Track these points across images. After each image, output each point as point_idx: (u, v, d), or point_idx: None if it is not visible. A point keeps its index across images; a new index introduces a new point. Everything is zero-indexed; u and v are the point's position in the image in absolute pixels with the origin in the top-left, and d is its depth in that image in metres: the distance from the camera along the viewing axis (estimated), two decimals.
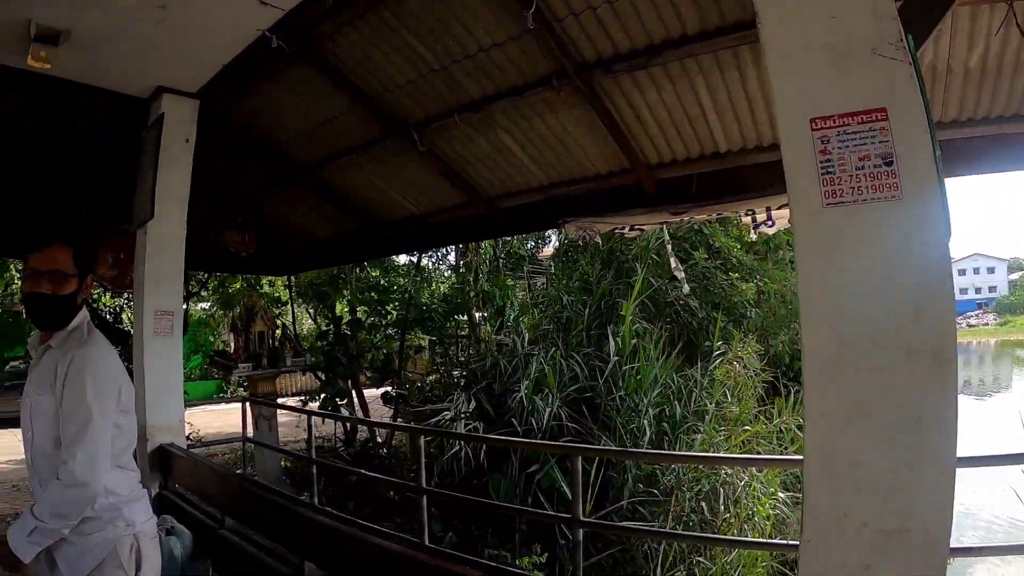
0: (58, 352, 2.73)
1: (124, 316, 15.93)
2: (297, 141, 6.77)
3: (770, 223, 5.23)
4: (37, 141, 6.64)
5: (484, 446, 8.50)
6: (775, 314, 11.80)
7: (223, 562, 4.19)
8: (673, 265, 6.74)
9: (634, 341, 8.88)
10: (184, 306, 6.19)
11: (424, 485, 5.13)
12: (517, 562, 7.72)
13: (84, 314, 2.87)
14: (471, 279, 11.41)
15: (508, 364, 9.25)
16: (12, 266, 16.16)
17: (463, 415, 8.99)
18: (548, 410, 8.33)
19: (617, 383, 8.59)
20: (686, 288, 8.64)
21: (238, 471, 10.01)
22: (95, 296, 16.67)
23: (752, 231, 5.50)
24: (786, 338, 11.61)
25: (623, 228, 5.90)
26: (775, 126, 4.35)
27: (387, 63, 5.25)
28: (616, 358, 8.58)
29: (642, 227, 5.93)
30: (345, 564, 3.40)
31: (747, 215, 5.28)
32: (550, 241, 14.43)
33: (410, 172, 6.52)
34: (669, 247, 6.91)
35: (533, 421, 8.34)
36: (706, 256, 11.01)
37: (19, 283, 17.24)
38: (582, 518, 4.50)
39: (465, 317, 13.05)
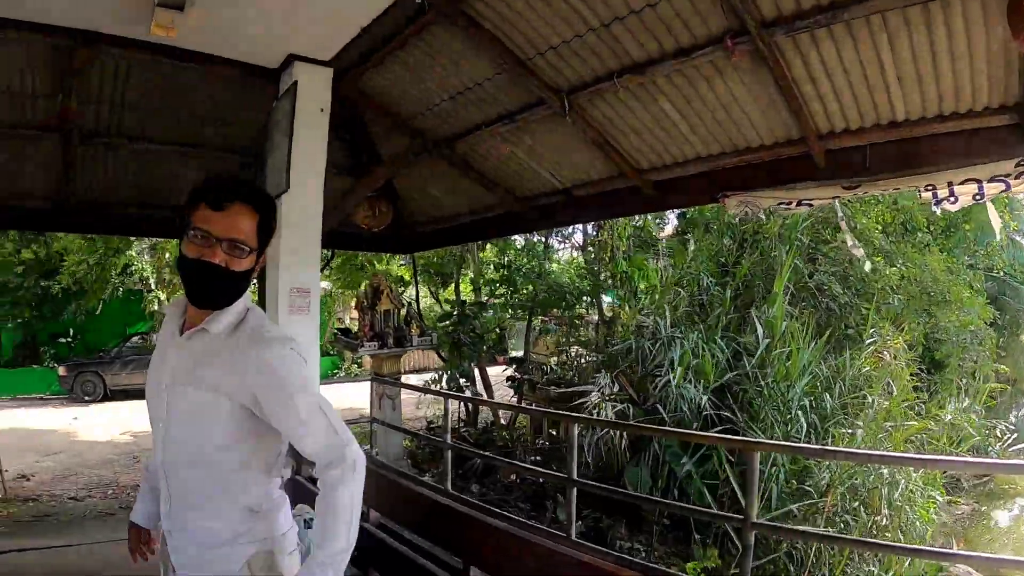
0: (220, 342, 2.23)
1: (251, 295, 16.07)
2: (433, 113, 6.39)
3: (952, 199, 4.51)
4: (164, 117, 6.56)
5: (624, 433, 8.06)
6: (912, 300, 10.92)
7: (367, 558, 3.84)
8: (850, 243, 6.09)
9: (784, 324, 8.26)
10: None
11: (574, 476, 4.71)
12: (653, 554, 7.37)
13: (247, 297, 2.37)
14: (605, 258, 10.87)
15: (651, 347, 8.69)
16: (134, 244, 16.47)
17: (609, 398, 8.54)
18: (698, 397, 7.84)
19: (764, 370, 8.03)
20: (868, 265, 7.93)
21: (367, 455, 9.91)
22: None
23: (933, 206, 4.83)
24: (922, 326, 10.79)
25: (789, 203, 5.23)
26: (961, 93, 3.99)
27: (540, 21, 4.76)
28: (767, 341, 7.97)
29: (811, 202, 5.27)
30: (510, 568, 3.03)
31: (927, 190, 4.56)
32: (668, 221, 13.90)
33: (556, 143, 6.05)
34: (844, 223, 6.27)
35: (685, 408, 7.83)
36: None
37: (139, 265, 17.54)
38: (755, 520, 4.09)
39: (590, 299, 12.62)
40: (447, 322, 11.80)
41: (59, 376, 19.68)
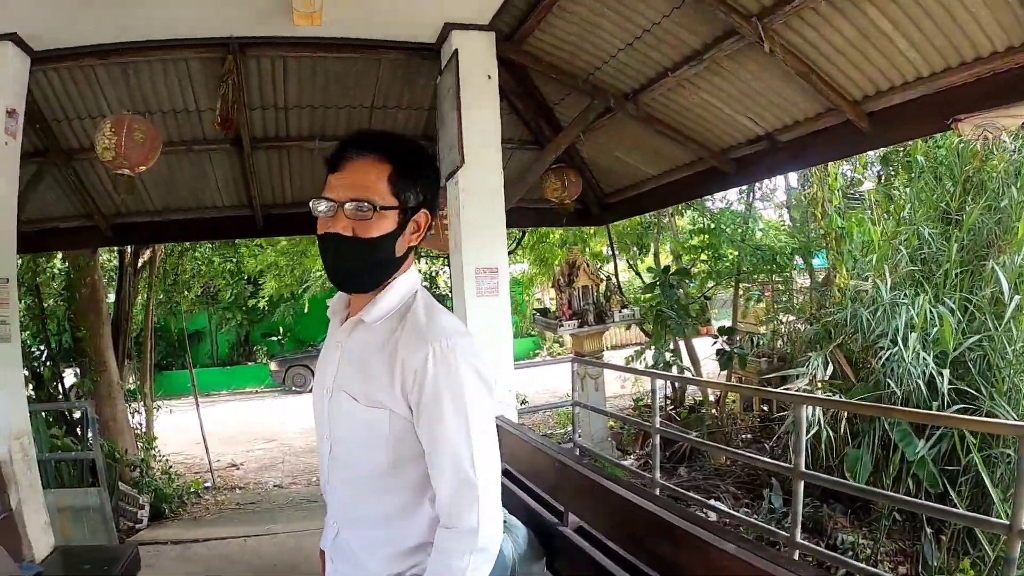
0: (382, 337, 1.79)
1: (440, 280, 16.10)
2: (610, 67, 5.83)
3: None
4: (329, 113, 6.66)
5: (845, 415, 7.21)
6: None
7: (565, 569, 3.38)
8: None
9: None
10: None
11: (802, 467, 4.04)
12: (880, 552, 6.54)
13: (413, 278, 1.90)
14: (817, 214, 9.82)
15: (871, 315, 7.71)
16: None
17: (820, 383, 7.69)
18: (931, 370, 6.84)
19: (1009, 333, 6.84)
20: None
21: (568, 441, 9.63)
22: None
23: None
24: None
25: None
26: None
27: None
28: (1018, 299, 6.80)
29: None
30: None
31: None
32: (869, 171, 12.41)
33: (751, 80, 5.28)
34: None
35: (917, 383, 6.86)
36: None
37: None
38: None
39: (799, 262, 11.61)
40: (652, 293, 11.16)
41: (271, 371, 21.60)
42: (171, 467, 9.98)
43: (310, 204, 1.77)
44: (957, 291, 7.42)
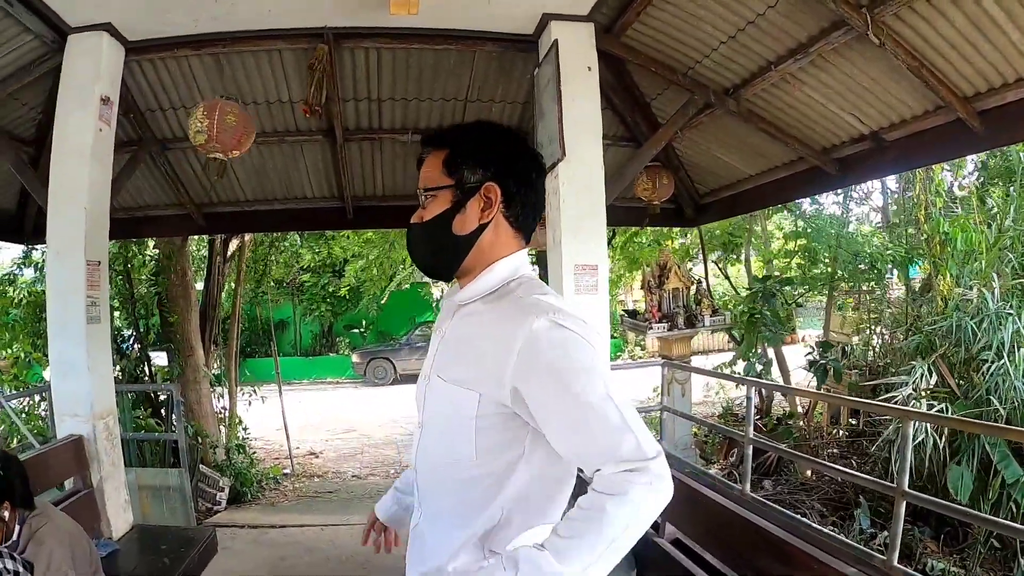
0: (476, 319, 1.77)
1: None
2: (712, 60, 5.71)
3: None
4: (422, 106, 6.74)
5: (945, 431, 6.87)
6: None
7: None
8: None
9: None
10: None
11: (905, 487, 3.82)
12: None
13: (517, 262, 1.82)
14: (921, 217, 9.43)
15: (976, 325, 7.36)
16: None
17: (925, 392, 7.36)
18: None
19: None
20: None
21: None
22: None
23: None
24: None
25: None
26: None
27: None
28: None
29: None
30: None
31: None
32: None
33: (857, 75, 5.11)
34: None
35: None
36: None
37: None
38: None
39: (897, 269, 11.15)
40: (752, 304, 10.96)
41: (353, 363, 22.12)
42: (253, 452, 10.16)
43: None
44: None
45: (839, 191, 11.91)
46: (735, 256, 14.76)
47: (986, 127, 4.75)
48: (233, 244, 10.93)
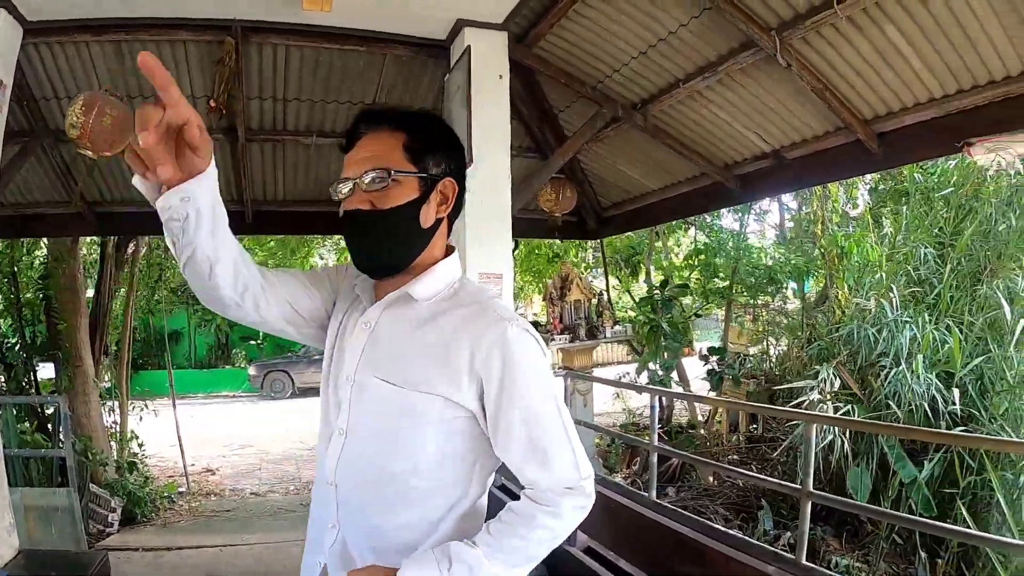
0: (428, 319, 1.66)
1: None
2: (622, 75, 5.76)
3: None
4: (329, 108, 6.51)
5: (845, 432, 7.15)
6: None
7: None
8: None
9: None
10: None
11: (810, 488, 3.93)
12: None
13: (456, 265, 1.81)
14: (818, 232, 9.84)
15: (875, 334, 7.70)
16: (315, 245, 16.70)
17: (830, 395, 7.65)
18: (933, 389, 6.83)
19: (1009, 358, 6.87)
20: None
21: None
22: None
23: None
24: None
25: None
26: None
27: None
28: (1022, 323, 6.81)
29: None
30: None
31: None
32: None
33: (763, 95, 5.26)
34: None
35: (926, 407, 6.87)
36: None
37: (322, 263, 17.90)
38: None
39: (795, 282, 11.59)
40: (647, 307, 11.08)
41: (249, 375, 21.40)
42: (146, 469, 9.74)
43: (330, 190, 1.67)
44: (956, 313, 7.52)
45: (739, 207, 12.26)
46: (637, 273, 15.02)
47: (884, 148, 4.96)
48: (128, 248, 10.43)
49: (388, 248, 1.65)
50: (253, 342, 24.68)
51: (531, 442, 1.57)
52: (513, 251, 10.87)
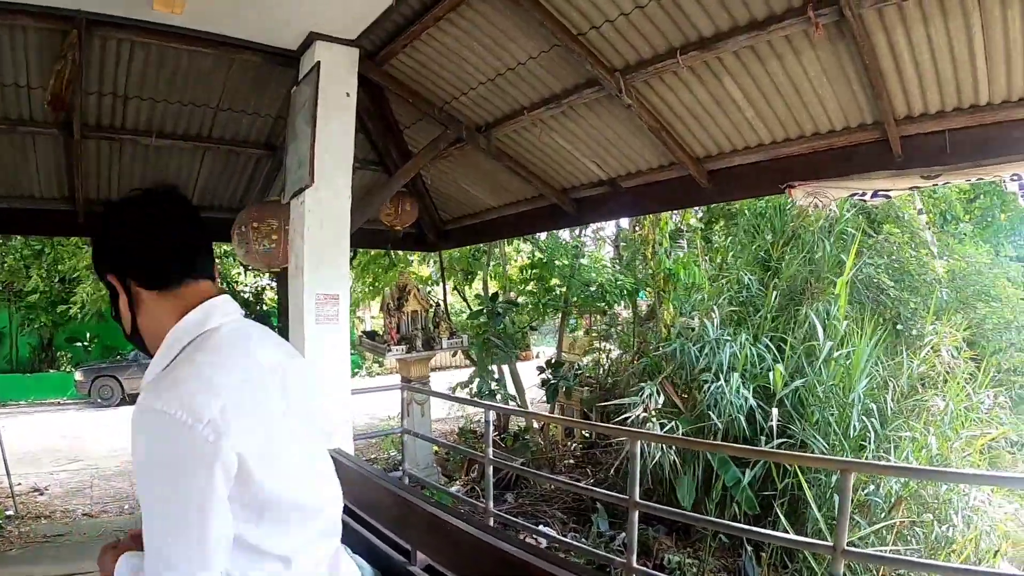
0: None
1: (268, 296, 15.46)
2: (469, 99, 5.88)
3: None
4: (172, 109, 6.18)
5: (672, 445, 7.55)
6: (960, 294, 10.16)
7: None
8: (929, 239, 5.61)
9: (845, 324, 7.69)
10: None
11: (636, 498, 4.20)
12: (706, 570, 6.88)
13: (182, 327, 1.64)
14: (647, 253, 10.34)
15: (698, 351, 8.16)
16: None
17: (654, 412, 8.02)
18: (749, 404, 7.41)
19: (819, 373, 7.50)
20: (939, 265, 7.44)
21: (395, 468, 9.52)
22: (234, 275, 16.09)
23: (1021, 197, 4.47)
24: (968, 321, 9.85)
25: (863, 194, 4.83)
26: None
27: None
28: (829, 343, 7.45)
29: (887, 193, 4.88)
30: None
31: (1013, 179, 4.29)
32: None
33: (603, 129, 5.54)
34: (923, 218, 5.75)
35: (737, 415, 7.36)
36: (896, 230, 9.59)
37: None
38: (845, 547, 3.69)
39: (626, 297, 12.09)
40: (478, 320, 11.30)
41: (76, 381, 19.74)
42: None
43: None
44: (776, 332, 8.08)
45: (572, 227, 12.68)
46: (471, 280, 15.19)
47: (714, 184, 5.38)
48: None
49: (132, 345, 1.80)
50: (79, 344, 22.70)
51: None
52: (351, 259, 10.84)
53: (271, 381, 1.64)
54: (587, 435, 11.03)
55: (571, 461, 10.42)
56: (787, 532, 6.23)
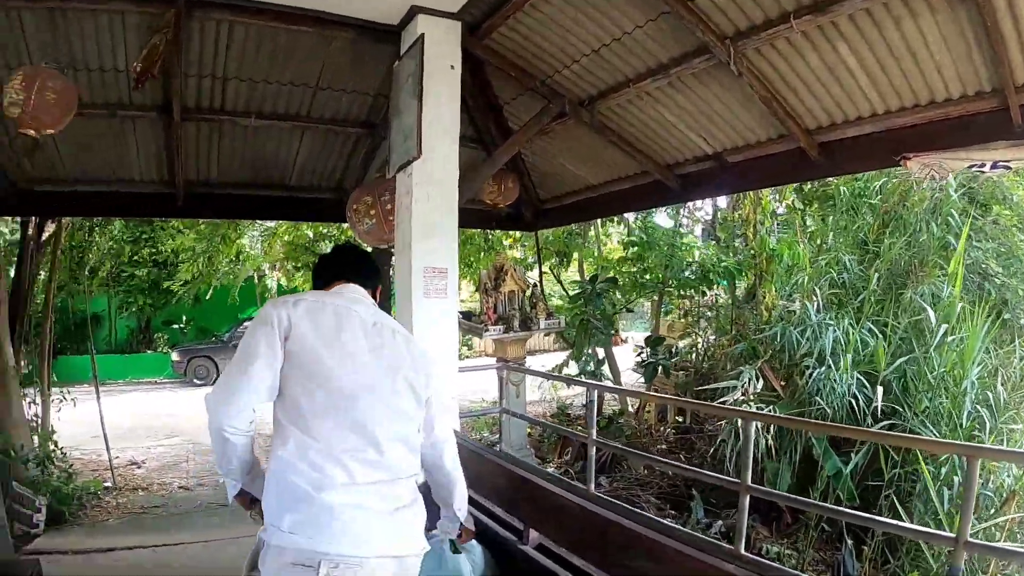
0: None
1: None
2: (572, 71, 5.78)
3: None
4: (271, 89, 6.30)
5: (770, 427, 7.30)
6: None
7: None
8: None
9: (960, 307, 7.30)
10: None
11: (748, 482, 4.03)
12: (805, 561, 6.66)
13: None
14: (749, 234, 10.07)
15: (799, 335, 7.89)
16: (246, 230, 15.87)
17: (753, 396, 7.81)
18: (853, 388, 7.11)
19: (930, 359, 7.10)
20: None
21: (495, 446, 9.52)
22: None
23: None
24: None
25: (983, 165, 4.60)
26: None
27: None
28: (944, 327, 7.06)
29: (1008, 163, 4.57)
30: None
31: None
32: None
33: (711, 101, 5.37)
34: None
35: (854, 403, 7.06)
36: (1007, 211, 9.01)
37: (250, 252, 17.02)
38: (969, 538, 3.28)
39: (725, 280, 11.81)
40: (577, 303, 11.19)
41: (173, 361, 20.55)
42: (70, 464, 9.22)
43: None
44: (879, 316, 7.75)
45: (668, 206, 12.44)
46: (567, 263, 15.08)
47: (825, 157, 5.14)
48: (49, 229, 9.81)
49: None
50: (176, 326, 23.59)
51: None
52: None
53: (329, 311, 2.48)
54: (680, 420, 10.87)
55: (663, 446, 10.26)
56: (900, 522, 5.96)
